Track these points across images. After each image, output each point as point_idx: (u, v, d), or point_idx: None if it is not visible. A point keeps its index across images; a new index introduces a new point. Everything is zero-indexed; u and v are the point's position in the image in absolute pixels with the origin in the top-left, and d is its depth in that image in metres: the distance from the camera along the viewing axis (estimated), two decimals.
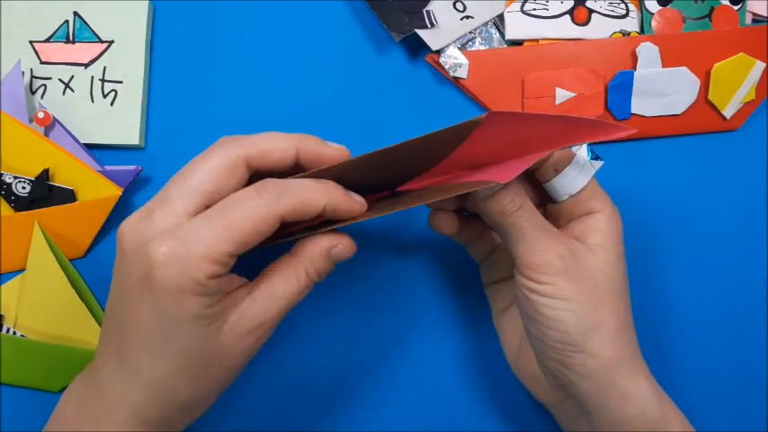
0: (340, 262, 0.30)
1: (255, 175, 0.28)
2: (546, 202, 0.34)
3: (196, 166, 0.27)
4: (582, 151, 0.31)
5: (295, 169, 0.29)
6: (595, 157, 0.31)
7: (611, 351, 0.29)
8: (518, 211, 0.30)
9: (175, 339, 0.26)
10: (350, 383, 0.38)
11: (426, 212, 0.34)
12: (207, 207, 0.27)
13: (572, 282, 0.29)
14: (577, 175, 0.31)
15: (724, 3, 0.40)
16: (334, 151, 0.30)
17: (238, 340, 0.27)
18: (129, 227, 0.27)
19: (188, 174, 0.27)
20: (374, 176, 0.30)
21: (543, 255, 0.29)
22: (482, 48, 0.40)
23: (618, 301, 0.30)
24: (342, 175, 0.29)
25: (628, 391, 0.30)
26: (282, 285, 0.28)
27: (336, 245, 0.29)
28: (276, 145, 0.28)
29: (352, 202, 0.29)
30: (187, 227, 0.26)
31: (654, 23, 0.40)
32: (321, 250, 0.29)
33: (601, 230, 0.31)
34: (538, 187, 0.33)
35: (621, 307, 0.31)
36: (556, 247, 0.29)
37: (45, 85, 0.38)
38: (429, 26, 0.38)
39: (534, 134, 0.28)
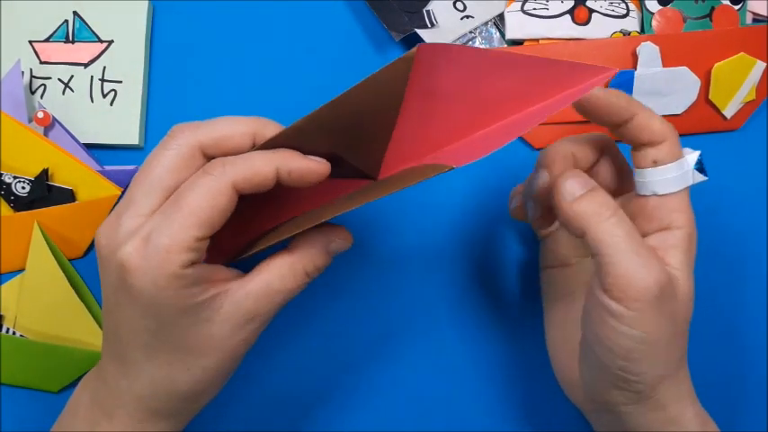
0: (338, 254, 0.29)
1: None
2: (622, 196, 0.31)
3: (154, 161, 0.27)
4: (692, 156, 0.29)
5: None
6: (701, 170, 0.29)
7: (669, 382, 0.28)
8: (612, 217, 0.26)
9: (166, 334, 0.26)
10: (345, 383, 0.38)
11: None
12: None
13: (659, 314, 0.26)
14: (675, 177, 0.28)
15: (724, 2, 0.40)
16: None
17: (234, 332, 0.27)
18: (103, 233, 0.27)
19: (148, 171, 0.27)
20: (335, 145, 0.28)
21: (644, 280, 0.26)
22: (482, 47, 0.40)
23: (684, 333, 0.29)
24: (299, 143, 0.28)
25: (673, 416, 0.29)
26: (279, 281, 0.28)
27: (333, 239, 0.29)
28: (233, 130, 0.28)
29: (308, 162, 0.27)
30: (148, 224, 0.26)
31: (654, 23, 0.40)
32: (319, 247, 0.29)
33: (682, 251, 0.28)
34: (618, 179, 0.31)
35: (685, 338, 0.29)
36: (658, 273, 0.26)
37: (45, 85, 0.38)
38: (429, 26, 0.38)
39: (498, 87, 0.26)
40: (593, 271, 0.27)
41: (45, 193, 0.36)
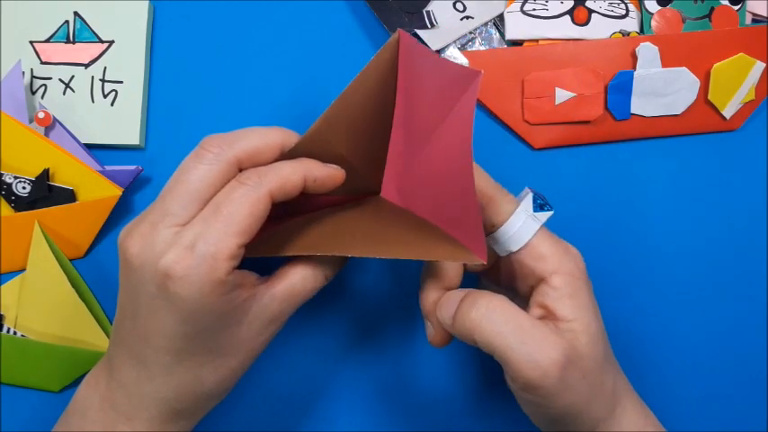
0: None
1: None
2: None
3: (190, 174, 0.27)
4: (526, 202, 0.28)
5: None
6: (541, 206, 0.28)
7: (602, 414, 0.29)
8: (490, 316, 0.27)
9: (201, 339, 0.27)
10: (344, 381, 0.38)
11: None
12: None
13: (566, 386, 0.27)
14: (517, 230, 0.28)
15: (724, 3, 0.40)
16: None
17: (259, 333, 0.29)
18: (134, 243, 0.27)
19: (184, 182, 0.27)
20: (346, 148, 0.29)
21: (538, 368, 0.27)
22: (482, 48, 0.40)
23: (606, 370, 0.29)
24: (315, 150, 0.29)
25: None
26: (301, 284, 0.29)
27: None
28: (264, 143, 0.28)
29: (329, 169, 0.29)
30: (188, 233, 0.26)
31: (653, 23, 0.40)
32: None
33: (567, 295, 0.29)
34: None
35: (609, 371, 0.29)
36: (549, 353, 0.27)
37: (45, 86, 0.38)
38: (429, 26, 0.38)
39: (435, 83, 0.28)
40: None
41: (46, 193, 0.36)
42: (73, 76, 0.38)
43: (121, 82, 0.38)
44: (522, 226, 0.29)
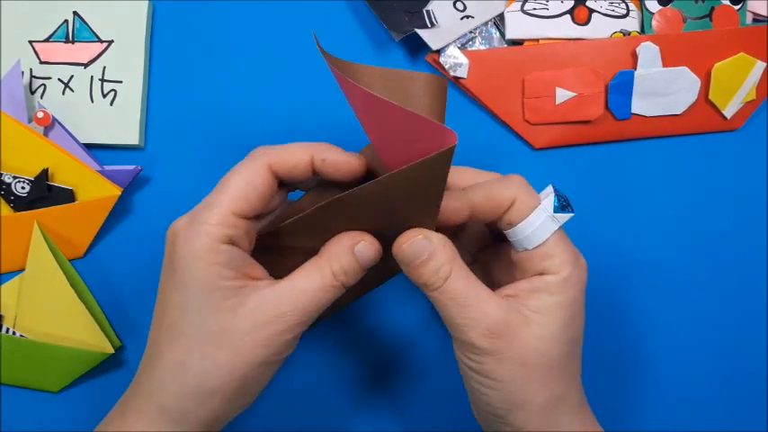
0: (367, 265, 0.29)
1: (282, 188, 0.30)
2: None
3: (233, 173, 0.29)
4: (547, 201, 0.28)
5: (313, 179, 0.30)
6: (563, 207, 0.28)
7: (536, 426, 0.28)
8: (442, 286, 0.28)
9: (189, 311, 0.27)
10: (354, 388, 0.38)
11: None
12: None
13: (498, 363, 0.28)
14: (536, 229, 0.28)
15: (724, 2, 0.40)
16: (352, 158, 0.29)
17: (253, 329, 0.27)
18: (175, 224, 0.29)
19: (226, 180, 0.29)
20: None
21: (470, 334, 0.28)
22: (482, 47, 0.40)
23: (552, 376, 0.28)
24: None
25: None
26: (305, 280, 0.28)
27: (359, 240, 0.29)
28: (294, 152, 0.29)
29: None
30: (199, 205, 0.28)
31: (654, 23, 0.40)
32: (344, 246, 0.29)
33: (549, 294, 0.28)
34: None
35: (556, 380, 0.29)
36: (485, 323, 0.28)
37: (44, 85, 0.38)
38: (429, 26, 0.38)
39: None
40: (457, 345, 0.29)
41: (45, 193, 0.36)
42: (72, 76, 0.38)
43: (121, 82, 0.38)
44: (540, 225, 0.28)
